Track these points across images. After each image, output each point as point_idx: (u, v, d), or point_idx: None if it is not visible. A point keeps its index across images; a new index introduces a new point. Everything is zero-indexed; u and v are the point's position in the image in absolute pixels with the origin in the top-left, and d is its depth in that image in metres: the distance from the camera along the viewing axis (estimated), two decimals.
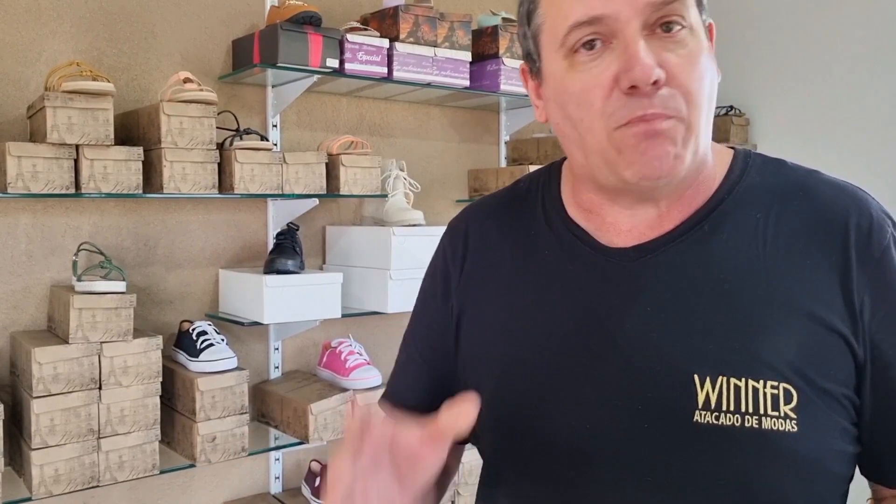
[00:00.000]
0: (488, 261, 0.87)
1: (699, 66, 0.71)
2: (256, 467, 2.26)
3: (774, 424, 0.69)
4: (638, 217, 0.77)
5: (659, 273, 0.75)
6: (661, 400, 0.72)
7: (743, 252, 0.74)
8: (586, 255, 0.80)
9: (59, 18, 1.93)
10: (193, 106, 1.84)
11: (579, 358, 0.76)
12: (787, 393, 0.69)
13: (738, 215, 0.76)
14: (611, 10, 0.68)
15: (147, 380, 1.78)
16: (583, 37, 0.70)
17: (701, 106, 0.71)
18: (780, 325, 0.71)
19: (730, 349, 0.71)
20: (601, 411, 0.75)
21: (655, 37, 0.70)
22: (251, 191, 1.95)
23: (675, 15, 0.69)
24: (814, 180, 0.77)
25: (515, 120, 2.76)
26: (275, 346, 2.27)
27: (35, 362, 1.65)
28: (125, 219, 2.03)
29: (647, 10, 0.68)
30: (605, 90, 0.70)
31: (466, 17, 2.33)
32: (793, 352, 0.70)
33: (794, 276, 0.72)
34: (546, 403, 0.78)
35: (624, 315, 0.75)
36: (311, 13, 2.02)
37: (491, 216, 0.90)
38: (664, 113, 0.69)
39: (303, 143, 2.32)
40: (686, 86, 0.70)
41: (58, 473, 1.67)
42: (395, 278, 2.17)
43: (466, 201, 2.69)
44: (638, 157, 0.70)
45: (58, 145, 1.69)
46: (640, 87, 0.68)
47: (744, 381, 0.70)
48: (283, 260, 2.02)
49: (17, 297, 1.89)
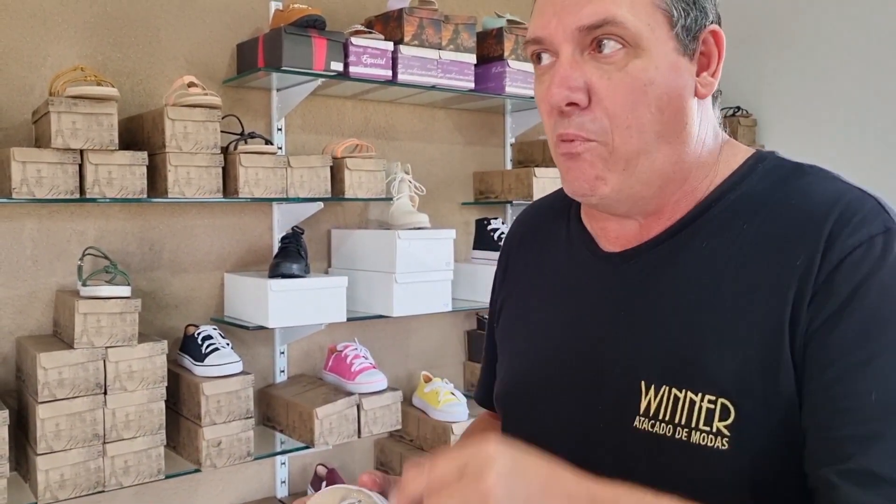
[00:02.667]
0: (523, 260, 0.94)
1: (639, 88, 0.70)
2: (262, 471, 2.26)
3: (703, 439, 0.68)
4: (623, 225, 0.80)
5: (634, 279, 0.77)
6: (612, 403, 0.75)
7: (713, 262, 0.72)
8: (586, 259, 0.84)
9: (63, 23, 1.93)
10: (198, 110, 1.84)
11: (558, 358, 0.82)
12: (723, 408, 0.67)
13: (721, 224, 0.74)
14: (546, 33, 0.73)
15: (152, 384, 1.78)
16: (534, 51, 0.76)
17: (636, 129, 0.71)
18: (732, 338, 0.68)
19: (678, 359, 0.71)
20: (571, 409, 0.79)
21: (592, 56, 0.72)
22: (256, 195, 1.95)
23: (609, 35, 0.70)
24: (818, 186, 0.72)
25: (521, 122, 2.75)
26: (280, 350, 2.27)
27: (40, 367, 1.65)
28: (130, 223, 2.03)
29: (576, 36, 0.71)
30: (547, 104, 0.74)
31: (471, 20, 2.33)
32: (739, 367, 0.67)
33: (757, 286, 0.69)
34: (530, 396, 0.84)
35: (603, 318, 0.79)
36: (315, 17, 2.01)
37: (535, 216, 0.97)
38: (579, 135, 0.72)
39: (307, 146, 2.32)
40: (612, 110, 0.71)
41: (63, 478, 1.67)
42: (401, 281, 2.16)
43: (471, 204, 2.69)
44: (565, 174, 0.76)
45: (62, 150, 1.69)
46: (555, 109, 0.72)
47: (684, 392, 0.69)
48: (288, 264, 2.02)
49: (23, 302, 1.89)
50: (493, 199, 2.63)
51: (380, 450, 2.44)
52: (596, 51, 0.71)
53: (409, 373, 2.55)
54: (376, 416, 2.10)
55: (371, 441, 2.46)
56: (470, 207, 2.70)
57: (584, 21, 0.70)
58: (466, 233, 2.64)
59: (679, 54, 0.72)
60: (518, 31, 2.42)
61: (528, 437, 0.81)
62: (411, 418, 2.34)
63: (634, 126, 0.71)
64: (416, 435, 2.34)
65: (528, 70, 2.43)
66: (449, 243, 2.28)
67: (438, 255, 2.25)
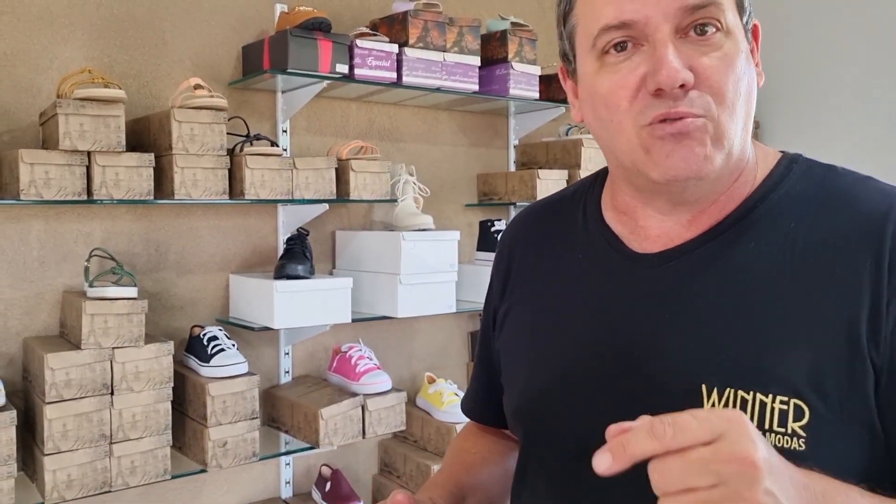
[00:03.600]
0: (529, 263, 0.91)
1: (733, 68, 0.70)
2: (267, 472, 2.26)
3: (779, 441, 0.66)
4: (668, 222, 0.77)
5: (679, 280, 0.75)
6: (667, 409, 0.70)
7: (767, 262, 0.71)
8: (614, 261, 0.80)
9: (70, 26, 1.94)
10: (204, 112, 1.85)
11: (595, 363, 0.77)
12: (797, 409, 0.66)
13: (768, 223, 0.73)
14: (641, 15, 0.69)
15: (158, 385, 1.79)
16: (612, 39, 0.71)
17: (734, 108, 0.70)
18: (798, 338, 0.67)
19: (740, 361, 0.69)
20: (609, 418, 0.74)
21: (688, 39, 0.70)
22: (261, 196, 1.96)
23: (709, 18, 0.69)
24: (861, 187, 0.73)
25: (524, 124, 2.76)
26: (285, 351, 2.28)
27: (48, 368, 1.66)
28: (136, 224, 2.04)
29: (678, 16, 0.69)
30: (631, 91, 0.71)
31: (475, 22, 2.34)
32: (810, 367, 0.66)
33: (820, 288, 0.68)
34: (562, 406, 0.80)
35: (641, 321, 0.75)
36: (321, 19, 2.02)
37: (537, 219, 0.94)
38: (691, 112, 0.69)
39: (312, 148, 2.33)
40: (717, 87, 0.69)
41: (70, 479, 1.68)
42: (405, 283, 2.17)
43: (475, 206, 2.70)
44: (664, 158, 0.70)
45: (70, 152, 1.70)
46: (666, 90, 0.68)
47: (751, 394, 0.67)
48: (293, 265, 2.03)
49: (30, 303, 1.90)
50: (497, 201, 2.63)
51: (384, 450, 2.45)
52: (692, 33, 0.69)
53: (413, 374, 2.56)
54: (380, 417, 2.11)
55: (375, 442, 2.46)
56: (473, 209, 2.71)
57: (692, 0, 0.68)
58: (470, 234, 2.65)
59: (746, 42, 0.73)
60: (522, 34, 2.42)
61: (565, 445, 0.79)
62: (415, 419, 2.35)
63: (734, 105, 0.70)
64: (419, 436, 2.35)
65: (532, 72, 2.44)
66: (453, 245, 2.29)
67: (443, 256, 2.26)
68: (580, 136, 2.61)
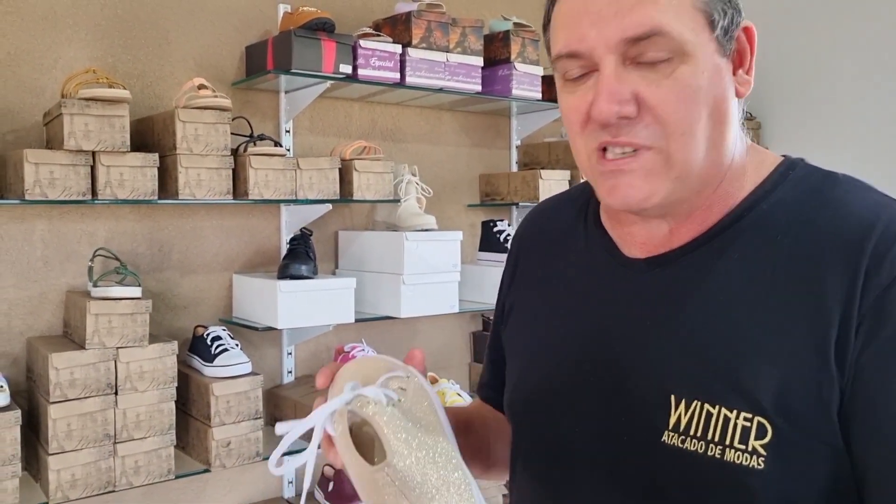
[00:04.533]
0: (532, 261, 0.91)
1: (686, 93, 0.67)
2: (269, 472, 2.25)
3: (738, 458, 0.65)
4: (651, 230, 0.77)
5: (663, 287, 0.74)
6: (637, 416, 0.72)
7: (749, 274, 0.70)
8: (606, 264, 0.80)
9: (74, 26, 1.94)
10: (208, 112, 1.85)
11: (580, 364, 0.78)
12: (760, 427, 0.64)
13: (754, 234, 0.71)
14: (585, 46, 0.69)
15: (162, 385, 1.79)
16: (568, 67, 0.71)
17: (690, 133, 0.68)
18: (769, 354, 0.66)
19: (710, 373, 0.68)
20: (589, 420, 0.76)
21: (637, 67, 0.68)
22: (265, 196, 1.96)
23: (656, 48, 0.67)
24: (854, 196, 0.70)
25: (527, 124, 2.76)
26: (288, 351, 2.28)
27: (52, 368, 1.66)
28: (140, 224, 2.04)
29: (620, 47, 0.67)
30: (582, 115, 0.71)
31: (478, 23, 2.34)
32: (778, 385, 0.65)
33: (796, 303, 0.66)
34: (547, 407, 0.81)
35: (625, 326, 0.76)
36: (325, 19, 2.02)
37: (545, 217, 0.94)
38: (632, 142, 0.69)
39: (315, 148, 2.33)
40: (664, 117, 0.67)
41: (74, 478, 1.68)
42: (408, 283, 2.18)
43: (478, 206, 2.70)
44: (608, 191, 0.72)
45: (75, 152, 1.70)
46: (602, 123, 0.69)
47: (717, 407, 0.66)
48: (296, 265, 2.03)
49: (34, 302, 1.90)
50: (499, 201, 2.64)
51: None
52: (640, 62, 0.68)
53: None
54: None
55: None
56: (476, 209, 2.71)
57: (629, 32, 0.66)
58: (472, 235, 2.65)
59: (719, 55, 0.70)
60: (525, 34, 2.43)
61: (547, 447, 0.80)
62: None
63: (688, 132, 0.68)
64: None
65: (535, 73, 2.44)
66: (456, 245, 2.29)
67: (445, 256, 2.26)
68: None
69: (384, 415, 0.68)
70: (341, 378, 0.75)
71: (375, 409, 0.68)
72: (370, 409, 0.69)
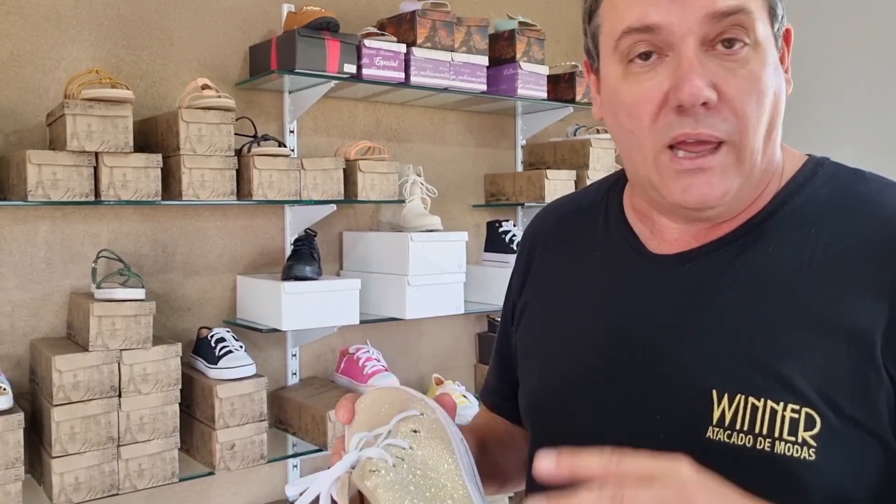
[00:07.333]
0: (549, 260, 0.90)
1: (759, 86, 0.67)
2: (275, 474, 2.25)
3: (788, 450, 0.64)
4: (690, 226, 0.76)
5: (695, 282, 0.73)
6: (677, 413, 0.71)
7: (785, 267, 0.69)
8: (632, 261, 0.79)
9: (77, 26, 1.93)
10: (212, 112, 1.84)
11: (608, 362, 0.77)
12: (808, 418, 0.64)
13: (789, 228, 0.71)
14: (666, 20, 0.66)
15: (166, 387, 1.78)
16: (635, 44, 0.69)
17: (757, 126, 0.68)
18: (812, 346, 0.66)
19: (752, 367, 0.67)
20: (620, 418, 0.75)
21: (714, 54, 0.67)
22: (269, 197, 1.95)
23: (738, 28, 0.66)
24: (888, 194, 0.71)
25: (532, 124, 2.75)
26: (292, 353, 2.27)
27: (55, 370, 1.65)
28: (143, 226, 2.03)
29: (705, 23, 0.66)
30: (654, 106, 0.69)
31: (483, 22, 2.33)
32: (823, 376, 0.64)
33: (838, 295, 0.66)
34: (574, 405, 0.79)
35: (655, 323, 0.74)
36: (329, 19, 2.01)
37: (560, 216, 0.93)
38: (712, 135, 0.67)
39: (319, 148, 2.32)
40: (740, 109, 0.67)
41: (78, 481, 1.67)
42: (413, 284, 2.16)
43: (483, 206, 2.68)
44: (680, 192, 0.70)
45: (78, 153, 1.69)
46: (687, 108, 0.66)
47: (762, 401, 0.66)
48: (301, 266, 2.01)
49: (37, 304, 1.89)
50: (505, 202, 2.62)
51: None
52: (718, 47, 0.67)
53: (421, 375, 2.55)
54: None
55: None
56: (481, 210, 2.69)
57: (720, 5, 0.65)
58: (477, 235, 2.63)
59: (776, 50, 0.70)
60: (530, 34, 2.41)
61: (572, 446, 0.79)
62: None
63: (757, 126, 0.68)
64: None
65: (540, 72, 2.43)
66: (461, 245, 2.27)
67: (451, 257, 2.25)
68: (588, 137, 2.60)
69: (384, 487, 0.66)
70: (357, 420, 0.74)
71: (376, 482, 0.66)
72: (371, 481, 0.67)
